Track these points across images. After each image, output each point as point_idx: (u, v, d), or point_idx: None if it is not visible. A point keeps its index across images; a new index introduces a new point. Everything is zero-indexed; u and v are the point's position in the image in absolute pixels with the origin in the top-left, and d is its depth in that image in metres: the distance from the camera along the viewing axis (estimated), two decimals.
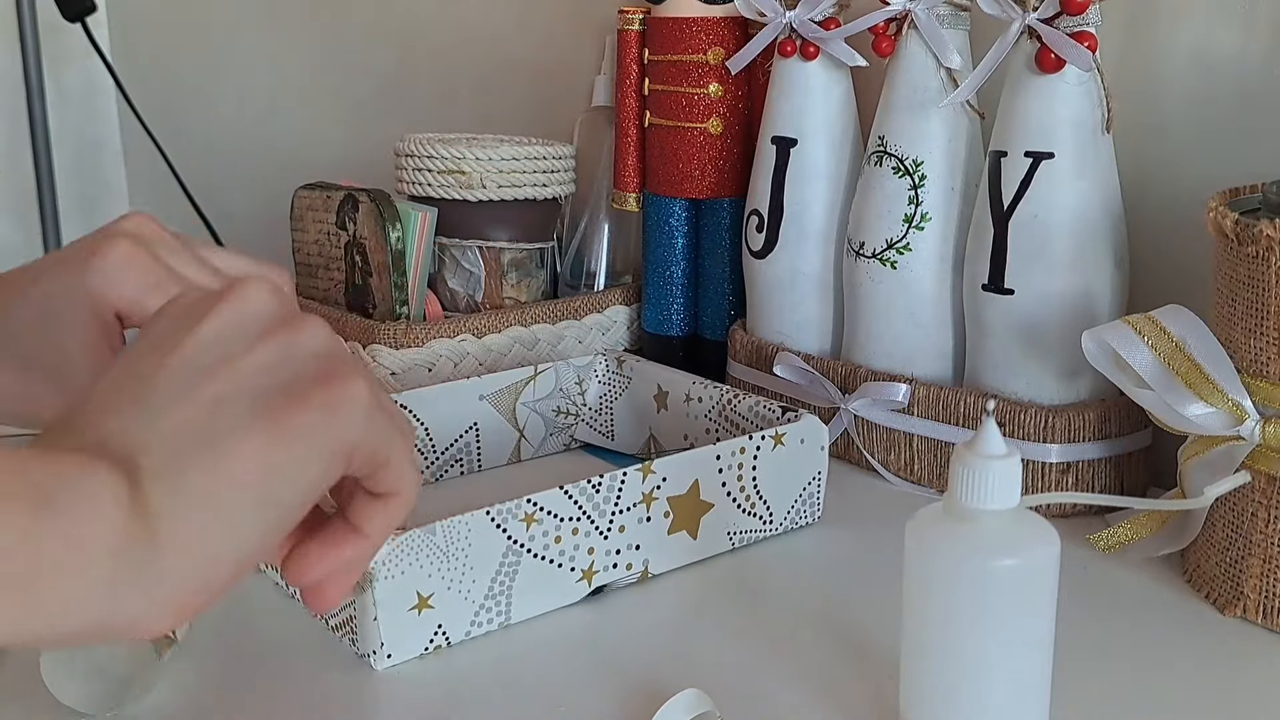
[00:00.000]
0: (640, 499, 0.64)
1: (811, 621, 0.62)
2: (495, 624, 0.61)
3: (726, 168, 0.93)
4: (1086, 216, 0.73)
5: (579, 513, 0.62)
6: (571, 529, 0.62)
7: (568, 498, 0.61)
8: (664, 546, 0.66)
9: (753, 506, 0.69)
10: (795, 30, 0.84)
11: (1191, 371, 0.61)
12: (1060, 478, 0.74)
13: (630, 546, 0.64)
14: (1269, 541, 0.60)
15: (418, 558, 0.57)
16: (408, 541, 0.57)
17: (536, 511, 0.60)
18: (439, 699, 0.56)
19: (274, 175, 1.53)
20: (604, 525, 0.63)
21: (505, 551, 0.60)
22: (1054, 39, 0.70)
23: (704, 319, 0.97)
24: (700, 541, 0.67)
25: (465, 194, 0.94)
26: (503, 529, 0.59)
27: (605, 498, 0.63)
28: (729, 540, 0.69)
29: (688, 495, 0.66)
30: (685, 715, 0.51)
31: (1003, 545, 0.47)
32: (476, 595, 0.59)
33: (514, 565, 0.60)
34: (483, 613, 0.60)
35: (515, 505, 0.60)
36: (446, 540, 0.58)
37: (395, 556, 0.56)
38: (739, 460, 0.68)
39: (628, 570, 0.65)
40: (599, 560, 0.63)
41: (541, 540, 0.61)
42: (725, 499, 0.68)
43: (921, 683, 0.49)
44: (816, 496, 0.72)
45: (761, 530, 0.70)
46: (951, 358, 0.82)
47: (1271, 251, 0.57)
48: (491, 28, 1.28)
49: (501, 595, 0.60)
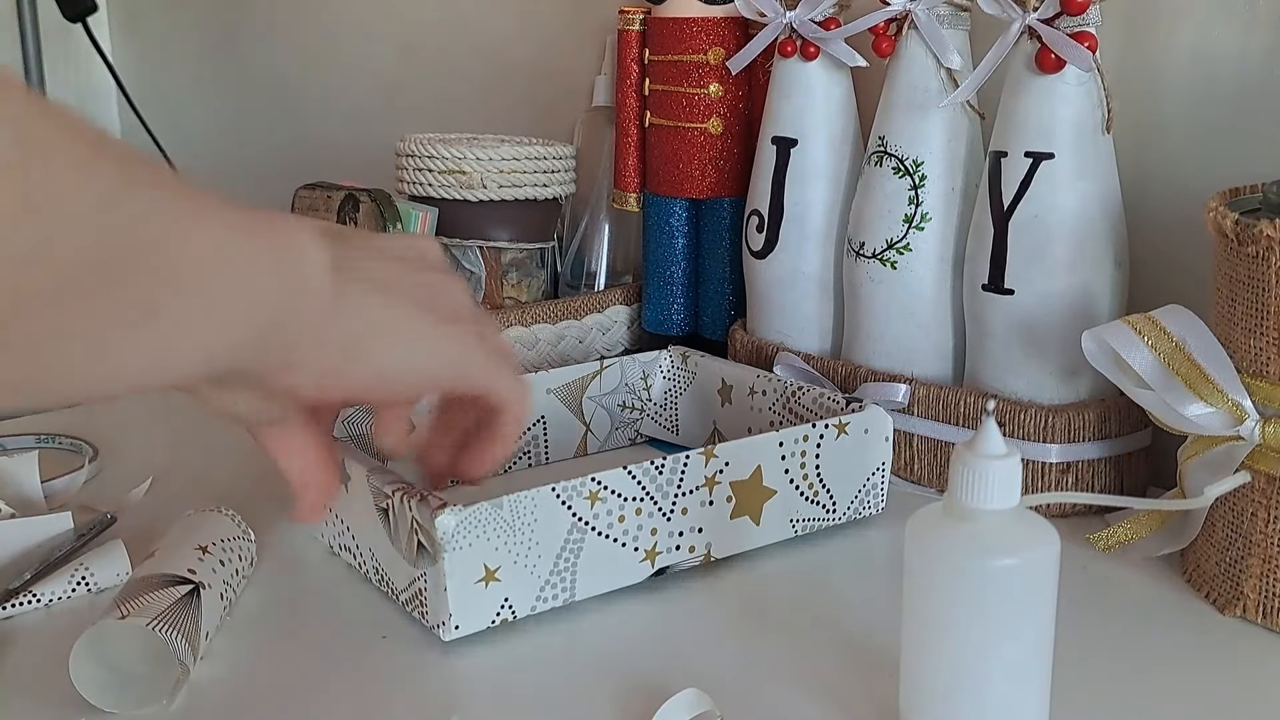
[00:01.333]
0: (703, 482, 0.65)
1: (814, 619, 0.62)
2: (560, 600, 0.62)
3: (727, 168, 0.94)
4: (1086, 216, 0.73)
5: (642, 493, 0.63)
6: (635, 509, 0.63)
7: (631, 478, 0.62)
8: (727, 530, 0.66)
9: (815, 494, 0.70)
10: (795, 30, 0.84)
11: (1191, 371, 0.61)
12: (1060, 478, 0.74)
13: (693, 529, 0.65)
14: (1269, 541, 0.60)
15: (485, 531, 0.58)
16: (475, 514, 0.58)
17: (601, 490, 0.61)
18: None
19: (274, 175, 1.53)
20: (666, 507, 0.64)
21: (570, 529, 0.61)
22: (1054, 39, 0.70)
23: (704, 319, 0.97)
24: (763, 527, 0.68)
25: (466, 194, 0.94)
26: (568, 506, 0.60)
27: (668, 479, 0.63)
28: (791, 527, 0.69)
29: (750, 480, 0.67)
30: (685, 715, 0.51)
31: (1003, 545, 0.47)
32: (542, 570, 0.60)
33: (579, 543, 0.61)
34: (548, 588, 0.61)
35: (580, 483, 0.61)
36: (513, 514, 0.59)
37: (463, 528, 0.57)
38: (802, 448, 0.68)
39: (690, 553, 0.65)
40: (661, 541, 0.64)
41: (606, 519, 0.62)
42: (788, 486, 0.68)
43: (921, 682, 0.49)
44: (880, 487, 0.73)
45: (825, 519, 0.71)
46: (951, 358, 0.82)
47: (1271, 251, 0.57)
48: (492, 28, 1.28)
49: (566, 572, 0.61)
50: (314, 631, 0.62)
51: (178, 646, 0.54)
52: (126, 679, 0.56)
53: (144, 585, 0.57)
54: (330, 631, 0.62)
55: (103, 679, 0.55)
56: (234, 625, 0.62)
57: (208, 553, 0.61)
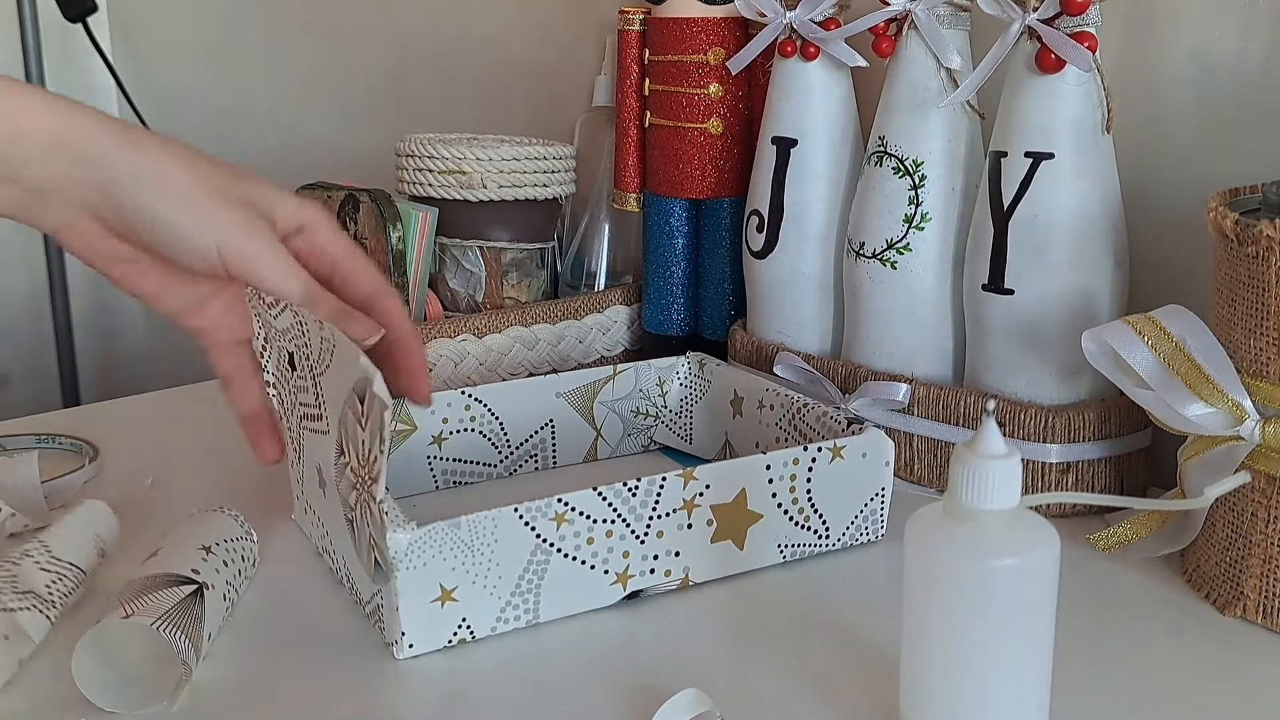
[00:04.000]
0: (681, 505, 0.63)
1: (815, 625, 0.62)
2: (523, 621, 0.61)
3: (727, 168, 0.94)
4: (1086, 216, 0.73)
5: (613, 515, 0.61)
6: (605, 531, 0.61)
7: (601, 499, 0.61)
8: (707, 555, 0.65)
9: (807, 520, 0.67)
10: (795, 30, 0.84)
11: (1191, 371, 0.61)
12: (1060, 478, 0.74)
13: (669, 553, 0.63)
14: (1269, 541, 0.60)
15: (440, 550, 0.57)
16: (431, 533, 0.57)
17: (567, 511, 0.60)
18: (456, 691, 0.56)
19: (274, 175, 1.53)
20: (640, 530, 0.62)
21: (534, 550, 0.60)
22: (1054, 39, 0.70)
23: (704, 319, 0.97)
24: (748, 552, 0.66)
25: (466, 194, 0.94)
26: (531, 527, 0.59)
27: (642, 502, 0.62)
28: (779, 553, 0.67)
29: (734, 504, 0.65)
30: (685, 715, 0.51)
31: (1003, 545, 0.47)
32: (503, 591, 0.59)
33: (543, 564, 0.60)
34: (509, 609, 0.60)
35: (545, 504, 0.59)
36: (471, 535, 0.58)
37: (418, 547, 0.57)
38: (791, 471, 0.66)
39: (666, 576, 0.64)
40: (635, 564, 0.62)
41: (573, 540, 0.60)
42: (776, 510, 0.66)
43: (921, 683, 0.49)
44: (880, 513, 0.70)
45: (817, 545, 0.68)
46: (951, 358, 0.82)
47: (1271, 251, 0.57)
48: (492, 28, 1.28)
49: (530, 593, 0.60)
50: (308, 634, 0.62)
51: (181, 647, 0.54)
52: (129, 679, 0.56)
53: (148, 585, 0.57)
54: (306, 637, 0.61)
55: (105, 679, 0.55)
56: (233, 625, 0.62)
57: (211, 553, 0.61)
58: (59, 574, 0.60)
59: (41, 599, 0.57)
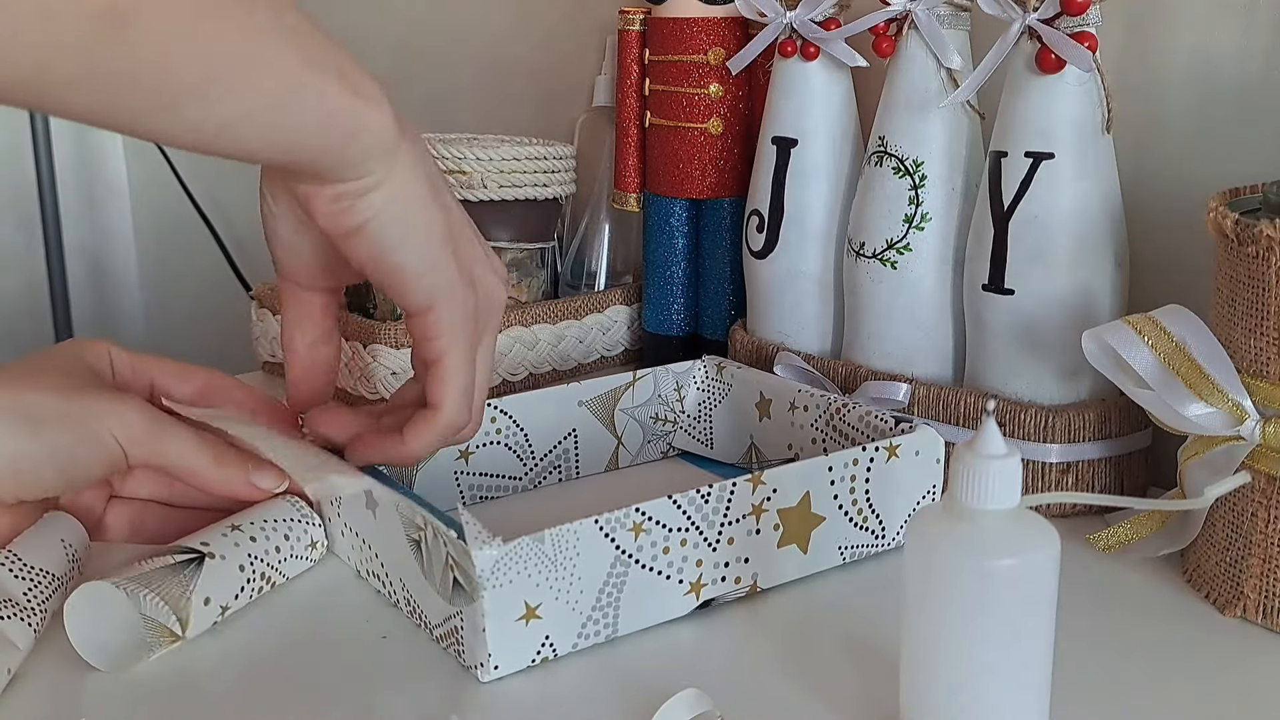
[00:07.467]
0: (750, 510, 0.62)
1: (816, 626, 0.62)
2: (602, 636, 0.59)
3: (727, 168, 0.94)
4: (1086, 216, 0.73)
5: (688, 523, 0.60)
6: (680, 539, 0.60)
7: (676, 508, 0.59)
8: (774, 560, 0.64)
9: (865, 520, 0.67)
10: (795, 31, 0.84)
11: (1191, 371, 0.61)
12: (1060, 478, 0.74)
13: (739, 559, 0.62)
14: (1269, 541, 0.60)
15: (525, 566, 0.55)
16: (515, 549, 0.54)
17: (645, 521, 0.58)
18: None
19: None
20: (712, 537, 0.61)
21: (614, 561, 0.58)
22: (1054, 39, 0.70)
23: (704, 319, 0.97)
24: (810, 555, 0.65)
25: (465, 194, 0.94)
26: (611, 538, 0.57)
27: (714, 508, 0.60)
28: (839, 555, 0.66)
29: (798, 508, 0.64)
30: (685, 715, 0.51)
31: (1003, 545, 0.47)
32: (584, 606, 0.57)
33: (622, 576, 0.58)
34: (590, 624, 0.58)
35: (624, 514, 0.57)
36: (555, 549, 0.56)
37: (503, 564, 0.54)
38: (851, 472, 0.65)
39: (736, 584, 0.62)
40: (707, 573, 0.61)
41: (650, 551, 0.59)
42: (837, 512, 0.65)
43: (921, 683, 0.49)
44: None
45: (874, 545, 0.68)
46: (951, 358, 0.82)
47: (1271, 251, 0.57)
48: (491, 28, 1.28)
49: (609, 607, 0.58)
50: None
51: (148, 604, 0.55)
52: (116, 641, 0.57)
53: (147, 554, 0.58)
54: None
55: (98, 639, 0.56)
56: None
57: (237, 529, 0.61)
58: (33, 581, 0.58)
59: (21, 606, 0.57)
